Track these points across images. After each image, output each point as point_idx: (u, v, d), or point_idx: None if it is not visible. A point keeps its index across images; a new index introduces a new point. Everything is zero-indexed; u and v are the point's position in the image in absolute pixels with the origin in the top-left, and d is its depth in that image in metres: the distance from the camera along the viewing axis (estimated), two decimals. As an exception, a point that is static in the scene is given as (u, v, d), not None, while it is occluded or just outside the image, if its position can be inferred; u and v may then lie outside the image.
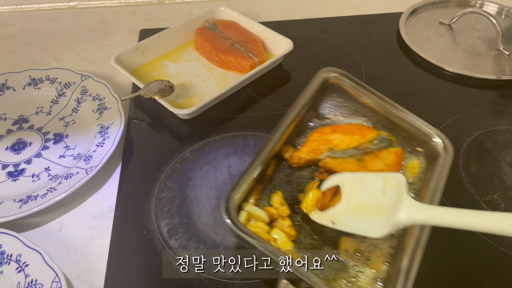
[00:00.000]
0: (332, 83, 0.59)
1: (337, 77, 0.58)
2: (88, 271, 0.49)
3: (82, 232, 0.53)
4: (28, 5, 0.92)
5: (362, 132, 0.57)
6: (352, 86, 0.58)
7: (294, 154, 0.55)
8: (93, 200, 0.57)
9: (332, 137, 0.56)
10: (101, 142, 0.60)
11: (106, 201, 0.56)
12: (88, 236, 0.53)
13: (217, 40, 0.76)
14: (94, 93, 0.67)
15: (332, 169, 0.53)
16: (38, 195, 0.54)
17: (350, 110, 0.60)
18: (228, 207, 0.43)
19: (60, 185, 0.55)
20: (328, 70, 0.58)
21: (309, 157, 0.54)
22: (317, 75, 0.58)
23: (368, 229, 0.44)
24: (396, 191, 0.44)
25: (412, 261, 0.43)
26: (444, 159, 0.52)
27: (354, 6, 0.93)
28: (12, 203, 0.53)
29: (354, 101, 0.59)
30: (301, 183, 0.54)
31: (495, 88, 0.73)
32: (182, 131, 0.65)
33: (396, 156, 0.56)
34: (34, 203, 0.53)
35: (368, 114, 0.59)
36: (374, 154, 0.56)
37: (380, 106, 0.57)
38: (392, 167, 0.54)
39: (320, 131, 0.57)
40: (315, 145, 0.55)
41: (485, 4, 0.90)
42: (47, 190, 0.54)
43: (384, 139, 0.57)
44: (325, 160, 0.54)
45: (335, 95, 0.59)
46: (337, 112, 0.60)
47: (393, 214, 0.42)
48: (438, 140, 0.54)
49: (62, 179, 0.56)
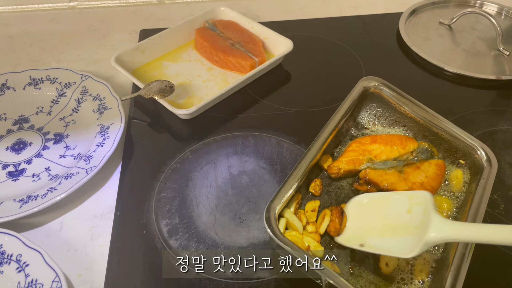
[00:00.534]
0: (372, 92, 0.58)
1: (377, 86, 0.57)
2: (88, 271, 0.49)
3: (82, 232, 0.53)
4: (28, 5, 0.92)
5: (402, 143, 0.56)
6: (392, 96, 0.57)
7: (333, 165, 0.54)
8: (93, 200, 0.57)
9: (372, 147, 0.55)
10: (101, 142, 0.60)
11: (106, 201, 0.56)
12: (88, 236, 0.53)
13: (217, 40, 0.76)
14: (94, 93, 0.67)
15: (372, 180, 0.52)
16: (38, 195, 0.54)
17: (390, 120, 0.59)
18: (269, 217, 0.44)
19: (60, 185, 0.55)
20: (369, 79, 0.58)
21: (348, 167, 0.53)
22: (357, 84, 0.57)
23: (399, 249, 0.43)
24: (423, 210, 0.43)
25: (457, 278, 0.42)
26: (488, 172, 0.51)
27: (354, 6, 0.93)
28: (12, 203, 0.53)
29: (394, 110, 0.58)
30: (340, 194, 0.54)
31: (495, 88, 0.73)
32: (182, 131, 0.65)
33: (438, 168, 0.54)
34: (34, 203, 0.53)
35: (408, 124, 0.58)
36: (415, 166, 0.54)
37: (421, 116, 0.56)
38: (433, 179, 0.53)
39: (360, 141, 0.56)
40: (354, 155, 0.54)
41: (485, 4, 0.90)
42: (47, 190, 0.54)
43: (425, 150, 0.56)
44: (365, 171, 0.53)
45: (374, 104, 0.59)
46: (376, 122, 0.59)
47: (423, 233, 0.41)
48: (482, 153, 0.53)
49: (62, 179, 0.56)
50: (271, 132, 0.63)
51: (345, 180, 0.55)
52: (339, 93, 0.70)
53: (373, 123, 0.59)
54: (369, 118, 0.60)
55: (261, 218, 0.53)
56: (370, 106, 0.59)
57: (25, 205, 0.53)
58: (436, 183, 0.54)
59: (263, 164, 0.59)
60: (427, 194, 0.45)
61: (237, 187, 0.56)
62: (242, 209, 0.54)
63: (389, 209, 0.46)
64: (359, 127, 0.59)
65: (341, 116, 0.55)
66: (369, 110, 0.59)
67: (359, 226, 0.47)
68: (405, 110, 0.57)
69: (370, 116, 0.60)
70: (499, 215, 0.54)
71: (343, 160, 0.54)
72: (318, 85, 0.73)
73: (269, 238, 0.46)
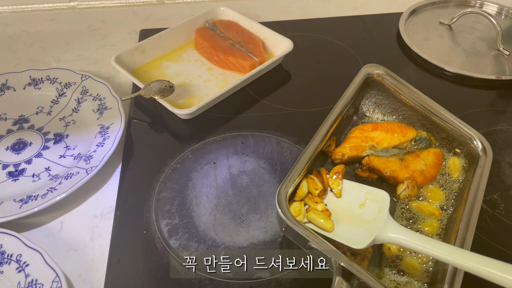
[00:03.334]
0: (374, 80, 0.59)
1: (380, 74, 0.59)
2: (88, 271, 0.49)
3: (82, 232, 0.53)
4: (28, 5, 0.92)
5: (402, 131, 0.57)
6: (393, 84, 0.58)
7: (336, 150, 0.55)
8: (93, 200, 0.57)
9: (374, 134, 0.56)
10: (101, 142, 0.60)
11: (106, 201, 0.56)
12: (88, 236, 0.53)
13: (217, 40, 0.76)
14: (94, 93, 0.67)
15: (375, 167, 0.54)
16: (38, 195, 0.54)
17: (389, 108, 0.60)
18: (280, 200, 0.45)
19: (60, 185, 0.55)
20: (372, 66, 0.59)
21: (352, 154, 0.55)
22: (361, 70, 0.58)
23: (350, 239, 0.45)
24: (378, 208, 0.45)
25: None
26: (484, 161, 0.53)
27: (354, 6, 0.93)
28: (12, 203, 0.53)
29: (395, 99, 0.59)
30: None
31: (495, 88, 0.73)
32: (182, 131, 0.65)
33: (436, 156, 0.56)
34: (34, 203, 0.53)
35: (407, 113, 0.59)
36: (415, 154, 0.56)
37: (420, 105, 0.58)
38: (432, 167, 0.55)
39: (362, 128, 0.57)
40: (357, 142, 0.56)
41: (485, 4, 0.90)
42: (47, 190, 0.54)
43: (423, 139, 0.58)
44: (368, 158, 0.55)
45: (375, 92, 0.60)
46: (376, 110, 0.60)
47: (375, 229, 0.44)
48: (478, 143, 0.54)
49: (62, 179, 0.56)
50: (271, 132, 0.63)
51: (348, 166, 0.56)
52: (339, 93, 0.70)
53: (373, 111, 0.60)
54: (369, 106, 0.61)
55: (261, 218, 0.53)
56: (371, 93, 0.60)
57: (25, 205, 0.53)
58: (435, 171, 0.55)
59: (263, 164, 0.59)
60: (385, 194, 0.47)
61: (237, 187, 0.56)
62: (242, 209, 0.54)
63: (350, 198, 0.49)
64: (360, 114, 0.60)
65: (346, 103, 0.55)
66: (370, 98, 0.60)
67: (335, 211, 0.49)
68: (404, 99, 0.58)
69: (370, 103, 0.61)
70: (499, 215, 0.54)
71: (346, 146, 0.55)
72: (318, 85, 0.73)
73: (279, 223, 0.47)
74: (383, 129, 0.57)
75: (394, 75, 0.59)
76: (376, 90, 0.60)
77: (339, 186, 0.50)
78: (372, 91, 0.60)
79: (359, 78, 0.57)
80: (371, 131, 0.57)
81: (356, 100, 0.59)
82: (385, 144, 0.56)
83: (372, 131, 0.57)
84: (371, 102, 0.60)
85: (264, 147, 0.61)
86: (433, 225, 0.50)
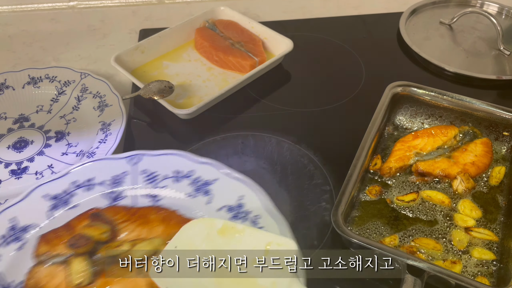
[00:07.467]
0: (402, 95, 0.61)
1: (404, 89, 0.61)
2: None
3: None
4: (28, 5, 0.92)
5: (443, 132, 0.59)
6: (421, 93, 0.61)
7: (383, 166, 0.56)
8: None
9: (415, 142, 0.58)
10: (103, 138, 0.60)
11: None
12: (88, 235, 0.52)
13: (217, 40, 0.76)
14: (94, 91, 0.67)
15: (424, 171, 0.55)
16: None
17: (426, 115, 0.62)
18: (337, 221, 0.46)
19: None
20: (395, 85, 0.61)
21: (398, 165, 0.56)
22: (385, 91, 0.60)
23: None
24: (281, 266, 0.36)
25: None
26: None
27: (354, 6, 0.93)
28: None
29: (427, 105, 0.61)
30: (398, 185, 0.56)
31: (495, 88, 0.73)
32: (182, 131, 0.65)
33: (484, 145, 0.57)
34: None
35: (444, 114, 0.61)
36: (461, 149, 0.57)
37: (453, 103, 0.60)
38: (483, 156, 0.56)
39: (402, 140, 0.59)
40: (401, 153, 0.57)
41: (485, 4, 0.90)
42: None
43: (467, 132, 0.59)
44: (416, 164, 0.56)
45: (407, 105, 0.62)
46: (414, 120, 0.62)
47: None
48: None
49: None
50: (271, 132, 0.63)
51: (398, 179, 0.56)
52: (339, 93, 0.70)
53: (412, 122, 0.62)
54: (407, 118, 0.63)
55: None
56: (404, 107, 0.62)
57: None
58: (487, 159, 0.56)
59: (263, 164, 0.59)
60: (292, 244, 0.37)
61: (237, 187, 0.56)
62: (242, 209, 0.54)
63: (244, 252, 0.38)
64: (399, 128, 0.62)
65: (378, 124, 0.57)
66: (404, 112, 0.62)
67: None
68: (436, 102, 0.60)
69: (407, 116, 0.63)
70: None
71: (391, 160, 0.57)
72: (318, 85, 0.73)
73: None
74: (423, 135, 0.59)
75: (419, 85, 0.61)
76: (407, 103, 0.62)
77: None
78: (405, 105, 0.62)
79: (385, 100, 0.59)
80: (412, 140, 0.58)
81: (391, 117, 0.62)
82: (429, 148, 0.58)
83: (413, 140, 0.58)
84: (407, 115, 0.63)
85: (264, 147, 0.61)
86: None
